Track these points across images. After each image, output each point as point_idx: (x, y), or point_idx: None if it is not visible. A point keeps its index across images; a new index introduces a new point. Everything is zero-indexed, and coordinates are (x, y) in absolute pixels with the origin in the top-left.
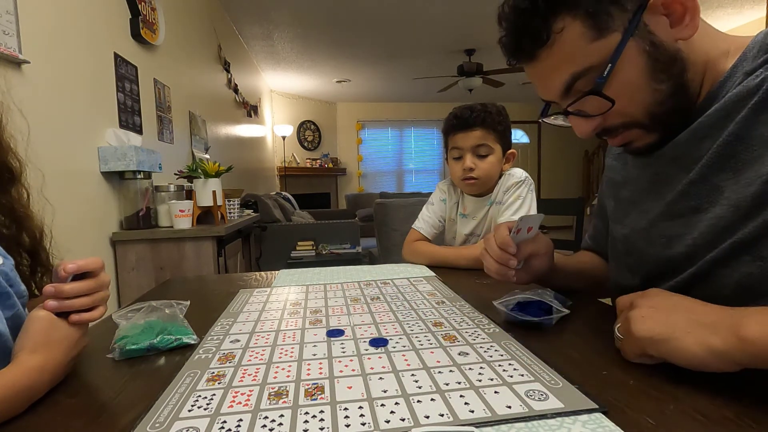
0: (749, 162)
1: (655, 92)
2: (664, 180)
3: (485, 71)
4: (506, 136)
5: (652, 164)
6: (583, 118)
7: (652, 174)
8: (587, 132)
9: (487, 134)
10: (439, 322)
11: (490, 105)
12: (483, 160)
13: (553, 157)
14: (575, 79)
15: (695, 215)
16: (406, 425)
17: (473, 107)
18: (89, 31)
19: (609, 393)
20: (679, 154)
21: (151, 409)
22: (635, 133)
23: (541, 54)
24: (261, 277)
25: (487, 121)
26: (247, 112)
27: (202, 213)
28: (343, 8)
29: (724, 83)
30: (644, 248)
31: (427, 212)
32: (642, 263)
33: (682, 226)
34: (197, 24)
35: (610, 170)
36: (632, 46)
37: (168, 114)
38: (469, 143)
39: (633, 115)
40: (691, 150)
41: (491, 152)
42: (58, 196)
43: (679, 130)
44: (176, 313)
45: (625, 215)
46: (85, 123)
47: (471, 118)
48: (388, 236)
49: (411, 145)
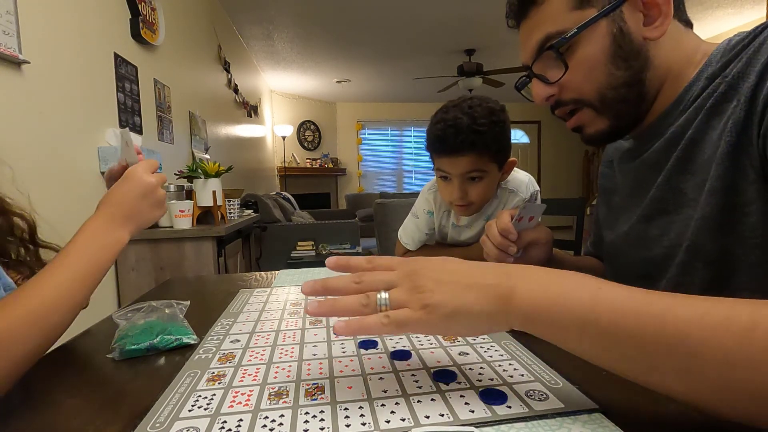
0: (702, 164)
1: (610, 76)
2: (642, 185)
3: (485, 71)
4: (503, 149)
5: (633, 171)
6: (542, 83)
7: (633, 179)
8: (541, 97)
9: (478, 158)
10: None
11: (481, 114)
12: (475, 184)
13: (553, 157)
14: (547, 40)
15: (666, 217)
16: (406, 425)
17: (459, 125)
18: (89, 31)
19: (609, 393)
20: (656, 160)
21: (151, 409)
22: (587, 115)
23: (530, 11)
24: (261, 277)
25: (478, 144)
26: (247, 112)
27: (202, 213)
28: (343, 8)
29: (689, 88)
30: (627, 251)
31: (411, 225)
32: (627, 266)
33: (655, 228)
34: (197, 24)
35: (602, 178)
36: (603, 25)
37: (168, 114)
38: (458, 171)
39: (585, 92)
40: (663, 156)
41: (485, 175)
42: (58, 195)
43: (629, 125)
44: (176, 313)
45: (615, 221)
46: (85, 123)
47: (457, 142)
48: (388, 236)
49: (411, 145)
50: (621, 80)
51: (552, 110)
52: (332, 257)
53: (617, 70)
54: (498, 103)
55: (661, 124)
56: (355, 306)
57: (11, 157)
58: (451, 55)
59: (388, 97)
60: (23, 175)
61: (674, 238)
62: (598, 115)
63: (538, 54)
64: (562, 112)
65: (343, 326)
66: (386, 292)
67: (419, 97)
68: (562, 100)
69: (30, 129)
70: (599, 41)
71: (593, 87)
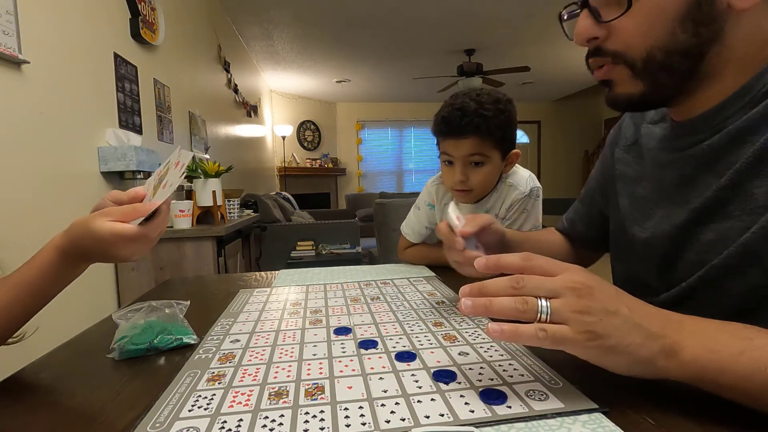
0: None
1: (671, 35)
2: (692, 184)
3: (485, 71)
4: (507, 138)
5: (678, 165)
6: (592, 18)
7: (678, 176)
8: (585, 35)
9: (482, 142)
10: (439, 322)
11: (487, 100)
12: (477, 169)
13: (553, 157)
14: None
15: (727, 221)
16: (406, 425)
17: (465, 108)
18: (89, 31)
19: (609, 393)
20: (713, 159)
21: (151, 409)
22: (620, 72)
23: None
24: (261, 277)
25: (482, 127)
26: (247, 112)
27: (202, 213)
28: (343, 8)
29: (760, 77)
30: (668, 253)
31: (413, 217)
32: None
33: (712, 232)
34: (197, 24)
35: (621, 164)
36: None
37: (168, 114)
38: (461, 153)
39: (634, 47)
40: (725, 155)
41: (487, 161)
42: (58, 196)
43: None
44: (176, 313)
45: (645, 217)
46: (85, 123)
47: (462, 124)
48: (388, 236)
49: (411, 145)
50: (680, 45)
51: (587, 58)
52: (480, 259)
53: (682, 33)
54: (507, 96)
55: (718, 116)
56: (512, 310)
57: (11, 157)
58: (451, 55)
59: (387, 97)
60: (23, 175)
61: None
62: (633, 76)
63: None
64: (596, 63)
65: (498, 331)
66: (547, 301)
67: (419, 97)
68: (604, 48)
69: (30, 129)
70: None
71: (646, 42)
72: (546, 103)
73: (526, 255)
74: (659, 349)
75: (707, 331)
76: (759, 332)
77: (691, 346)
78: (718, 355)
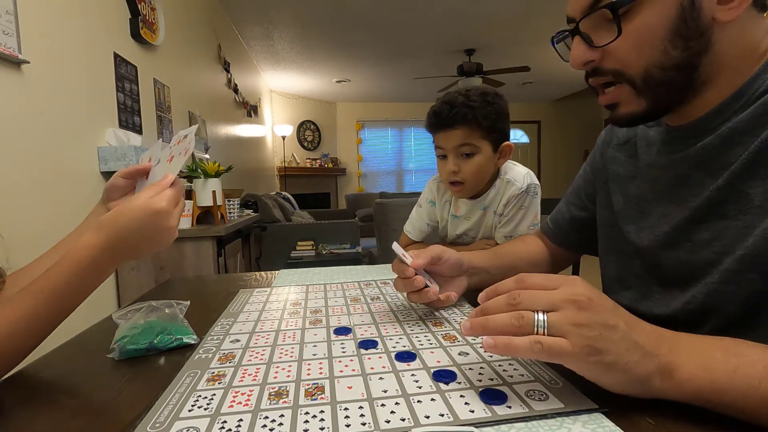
0: None
1: (663, 53)
2: (688, 184)
3: (485, 71)
4: (497, 129)
5: (672, 165)
6: (584, 44)
7: (674, 176)
8: (580, 60)
9: (470, 132)
10: (439, 322)
11: (475, 93)
12: (468, 160)
13: (553, 157)
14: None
15: (723, 221)
16: (406, 425)
17: (453, 101)
18: (89, 30)
19: (609, 393)
20: (706, 158)
21: (151, 409)
22: (624, 92)
23: None
24: (261, 277)
25: (469, 117)
26: (247, 112)
27: (202, 213)
28: (343, 8)
29: (752, 81)
30: (663, 253)
31: (416, 214)
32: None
33: (707, 231)
34: (197, 24)
35: (614, 163)
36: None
37: (168, 114)
38: (451, 144)
39: (631, 66)
40: (720, 155)
41: (477, 151)
42: (59, 196)
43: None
44: (176, 313)
45: (641, 216)
46: (85, 123)
47: (450, 115)
48: (388, 236)
49: (411, 145)
50: (674, 61)
51: (586, 78)
52: (481, 293)
53: (673, 49)
54: (496, 90)
55: (714, 119)
56: (507, 326)
57: (11, 157)
58: (451, 55)
59: (387, 96)
60: (23, 175)
61: (727, 244)
62: (636, 94)
63: (591, 9)
64: (597, 82)
65: (492, 344)
66: (544, 314)
67: (419, 97)
68: (602, 68)
69: (30, 129)
70: (664, 11)
71: (641, 62)
72: (546, 103)
73: (519, 277)
74: (655, 368)
75: (701, 348)
76: (749, 346)
77: (686, 365)
78: (713, 374)
